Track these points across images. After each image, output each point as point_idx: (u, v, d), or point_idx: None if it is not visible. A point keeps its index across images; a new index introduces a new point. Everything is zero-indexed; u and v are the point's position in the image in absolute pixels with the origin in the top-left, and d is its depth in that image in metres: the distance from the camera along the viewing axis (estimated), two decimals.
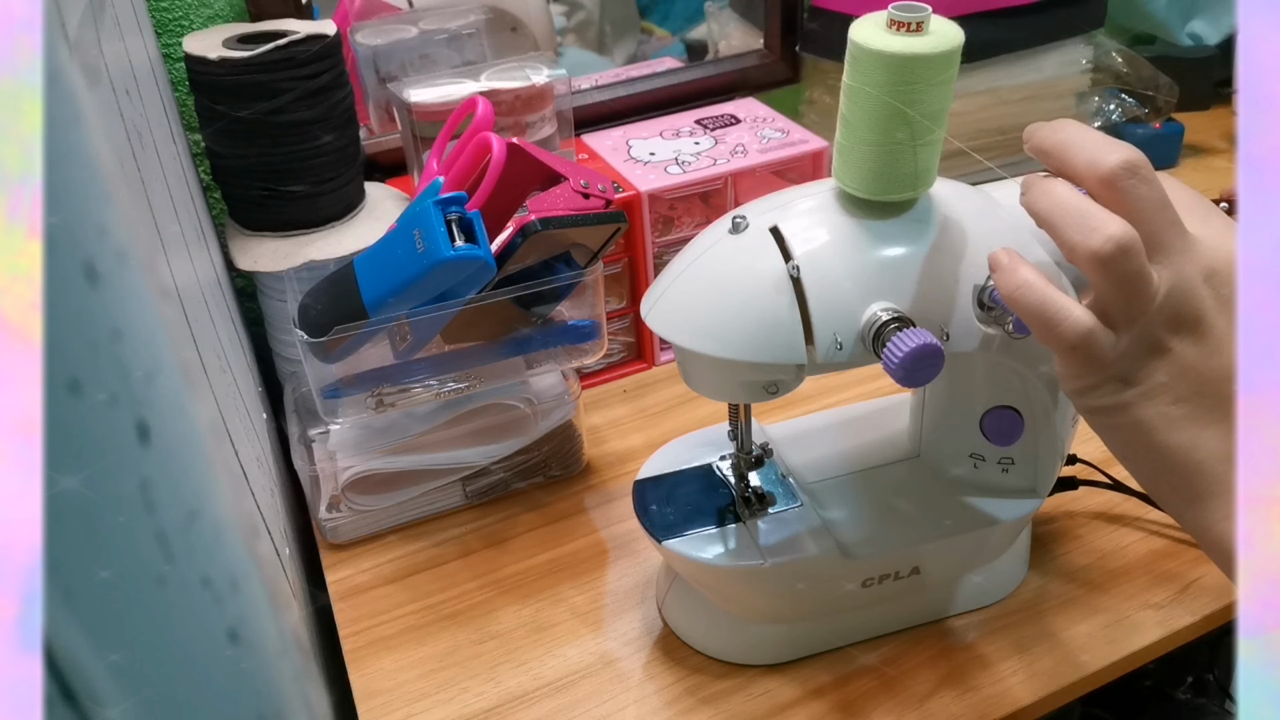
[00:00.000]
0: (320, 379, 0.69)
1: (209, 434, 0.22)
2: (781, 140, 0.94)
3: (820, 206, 0.53)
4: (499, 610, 0.70)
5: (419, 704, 0.64)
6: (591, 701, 0.63)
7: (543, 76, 0.87)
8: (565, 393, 0.79)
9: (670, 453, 0.70)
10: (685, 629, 0.67)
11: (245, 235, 0.79)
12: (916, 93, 0.47)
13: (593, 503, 0.79)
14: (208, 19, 0.85)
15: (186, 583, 0.21)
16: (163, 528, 0.20)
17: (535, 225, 0.66)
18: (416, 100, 0.83)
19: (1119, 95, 1.14)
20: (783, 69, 1.10)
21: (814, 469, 0.68)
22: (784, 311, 0.51)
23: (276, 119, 0.73)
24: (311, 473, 0.75)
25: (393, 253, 0.64)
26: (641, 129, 0.98)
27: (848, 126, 0.50)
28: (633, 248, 0.90)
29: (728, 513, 0.64)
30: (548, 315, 0.75)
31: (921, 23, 0.47)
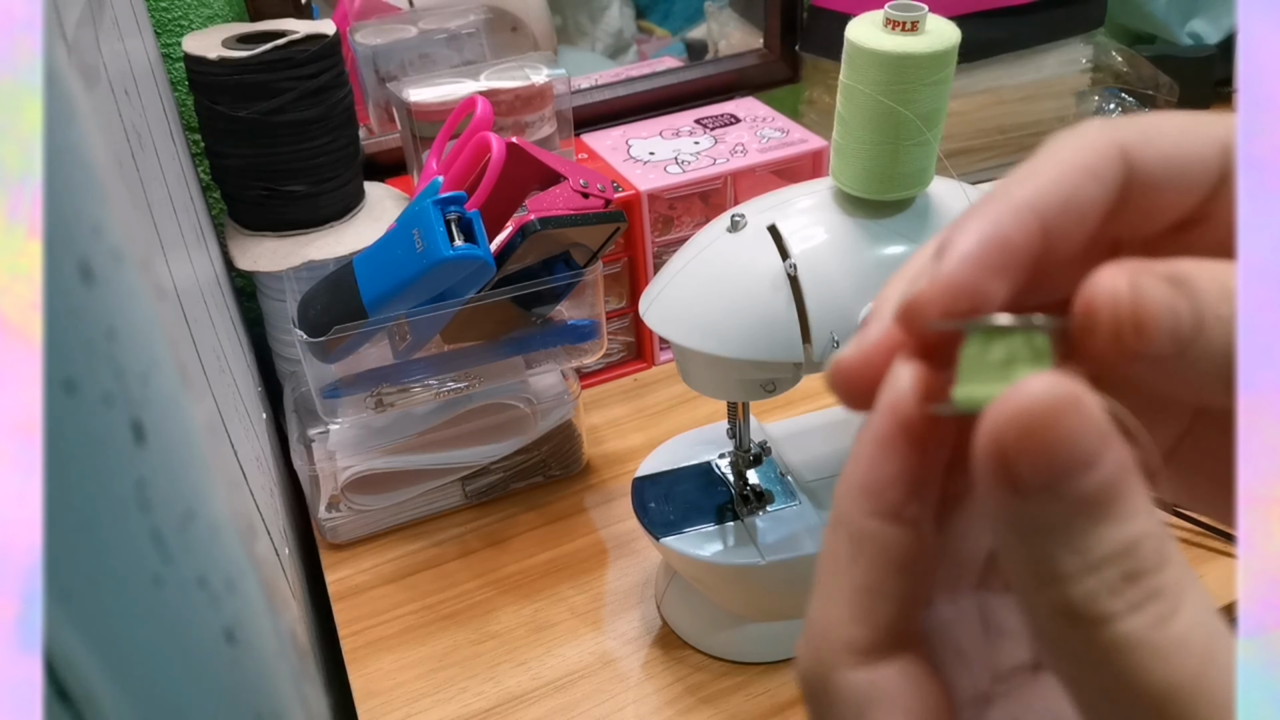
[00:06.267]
0: (320, 379, 0.69)
1: (206, 433, 0.22)
2: (781, 140, 0.94)
3: (818, 205, 0.53)
4: (498, 610, 0.70)
5: (418, 704, 0.64)
6: (591, 701, 0.63)
7: (542, 76, 0.87)
8: (565, 392, 0.79)
9: (669, 451, 0.70)
10: (684, 627, 0.67)
11: (245, 235, 0.79)
12: (912, 92, 0.47)
13: (592, 502, 0.79)
14: (207, 19, 0.85)
15: (183, 583, 0.21)
16: (159, 527, 0.20)
17: (535, 225, 0.66)
18: (416, 100, 0.83)
19: (1119, 95, 1.14)
20: (782, 68, 1.10)
21: (812, 467, 0.68)
22: (781, 310, 0.51)
23: (276, 119, 0.73)
24: (311, 472, 0.75)
25: (392, 252, 0.64)
26: (641, 129, 0.98)
27: (845, 126, 0.50)
28: (632, 247, 0.89)
29: (726, 510, 0.64)
30: (547, 315, 0.75)
31: (917, 22, 0.47)
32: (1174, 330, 0.17)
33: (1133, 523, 0.16)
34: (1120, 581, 0.16)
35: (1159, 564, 0.16)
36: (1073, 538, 0.16)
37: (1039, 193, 0.19)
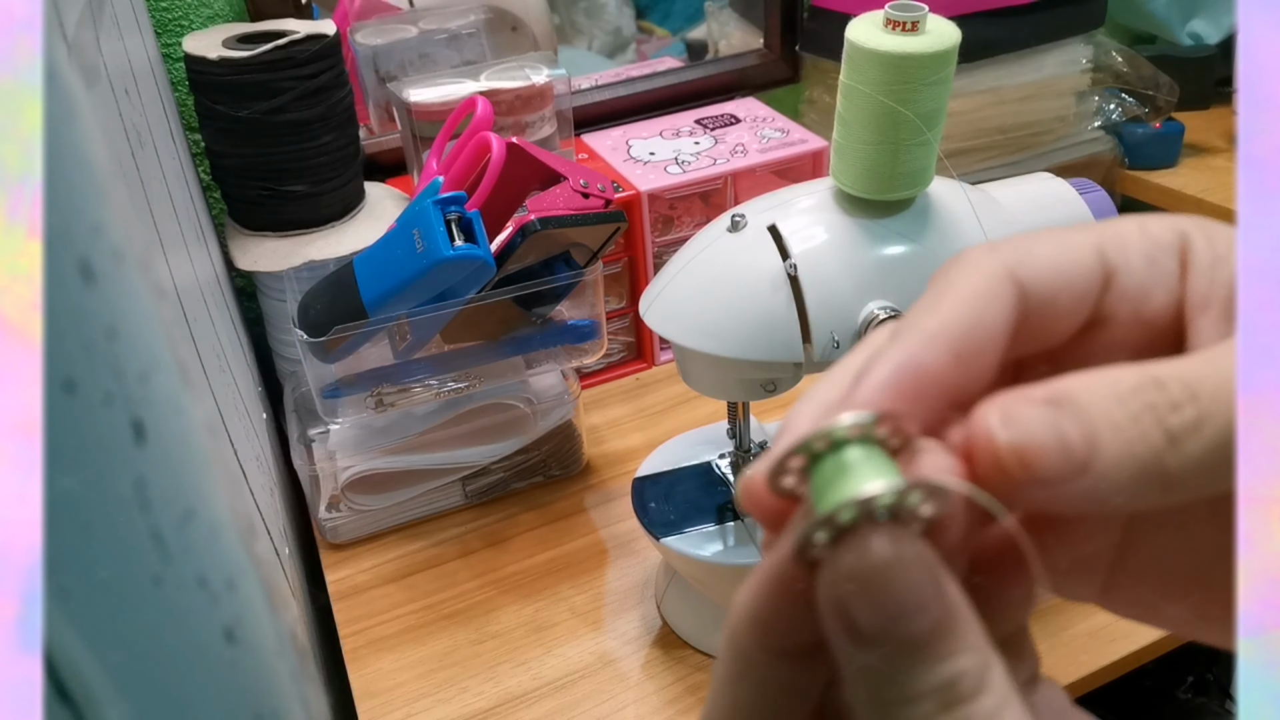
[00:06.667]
0: (320, 379, 0.69)
1: (206, 433, 0.22)
2: (781, 140, 0.94)
3: (818, 205, 0.53)
4: (499, 610, 0.70)
5: (418, 704, 0.64)
6: (591, 701, 0.63)
7: (542, 76, 0.87)
8: (565, 392, 0.79)
9: (669, 451, 0.70)
10: (684, 627, 0.67)
11: (245, 235, 0.79)
12: (912, 92, 0.47)
13: (592, 502, 0.79)
14: (208, 19, 0.85)
15: (182, 582, 0.21)
16: (158, 527, 0.20)
17: (535, 225, 0.66)
18: (416, 100, 0.83)
19: (1119, 95, 1.14)
20: (782, 68, 1.09)
21: None
22: (781, 310, 0.51)
23: (276, 119, 0.73)
24: (311, 472, 0.75)
25: (392, 252, 0.64)
26: (641, 129, 0.98)
27: (845, 126, 0.50)
28: (632, 247, 0.89)
29: (726, 510, 0.64)
30: (547, 315, 0.75)
31: (917, 22, 0.47)
32: (1064, 453, 0.18)
33: (954, 660, 0.17)
34: (937, 711, 0.17)
35: (974, 693, 0.17)
36: (896, 674, 0.17)
37: (945, 321, 0.20)
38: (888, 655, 0.17)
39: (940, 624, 0.17)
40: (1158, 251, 0.21)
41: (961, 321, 0.20)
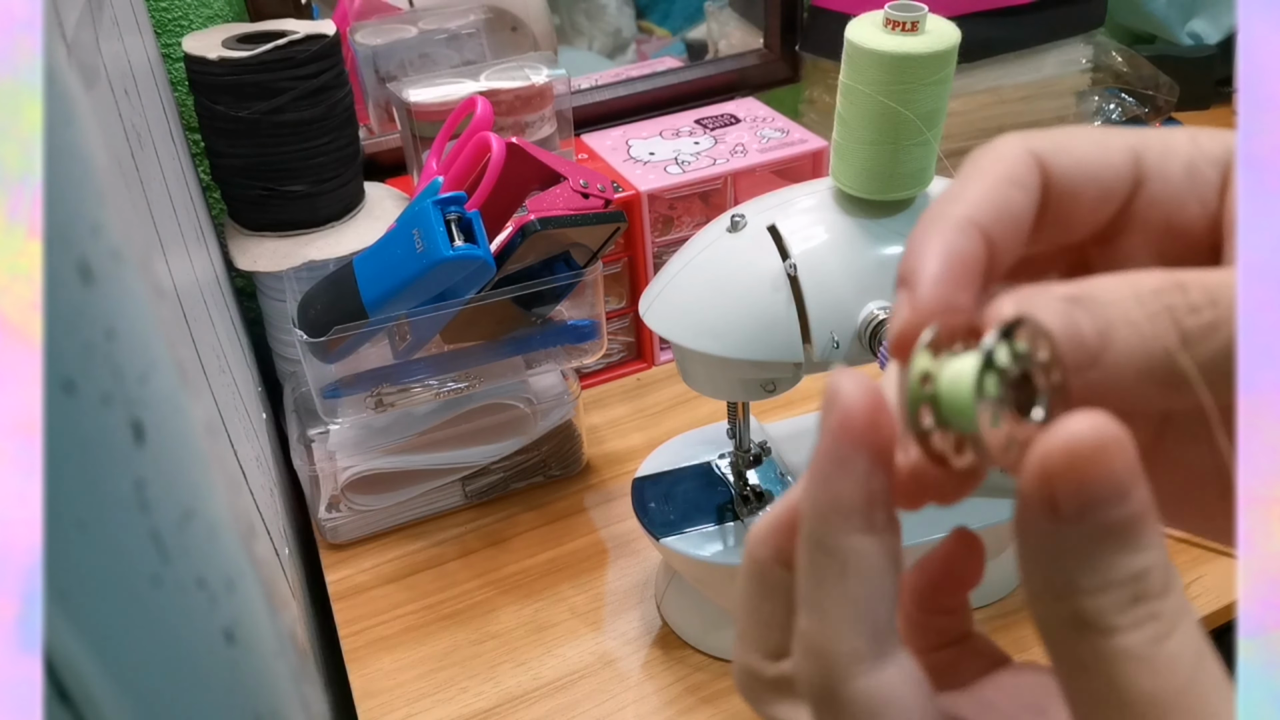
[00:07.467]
0: (320, 379, 0.69)
1: (206, 433, 0.22)
2: (781, 140, 0.94)
3: (818, 205, 0.53)
4: (499, 610, 0.70)
5: (418, 704, 0.64)
6: (591, 701, 0.63)
7: (542, 76, 0.87)
8: (565, 392, 0.79)
9: (669, 451, 0.70)
10: (684, 627, 0.67)
11: (245, 235, 0.79)
12: (912, 92, 0.47)
13: (592, 502, 0.79)
14: (207, 19, 0.85)
15: (182, 583, 0.21)
16: (157, 528, 0.20)
17: (535, 225, 0.66)
18: (416, 100, 0.83)
19: (1119, 94, 1.14)
20: (782, 68, 1.09)
21: None
22: (781, 310, 0.51)
23: (276, 119, 0.73)
24: (311, 473, 0.75)
25: (392, 252, 0.64)
26: (641, 129, 0.98)
27: (845, 126, 0.50)
28: (632, 247, 0.89)
29: (726, 511, 0.64)
30: (547, 315, 0.75)
31: (917, 22, 0.47)
32: (1076, 341, 0.18)
33: (1147, 553, 0.17)
34: (1128, 601, 0.17)
35: (1162, 592, 0.18)
36: (1094, 559, 0.17)
37: (974, 207, 0.21)
38: (1085, 537, 0.17)
39: (1138, 515, 0.17)
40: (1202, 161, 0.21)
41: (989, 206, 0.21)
